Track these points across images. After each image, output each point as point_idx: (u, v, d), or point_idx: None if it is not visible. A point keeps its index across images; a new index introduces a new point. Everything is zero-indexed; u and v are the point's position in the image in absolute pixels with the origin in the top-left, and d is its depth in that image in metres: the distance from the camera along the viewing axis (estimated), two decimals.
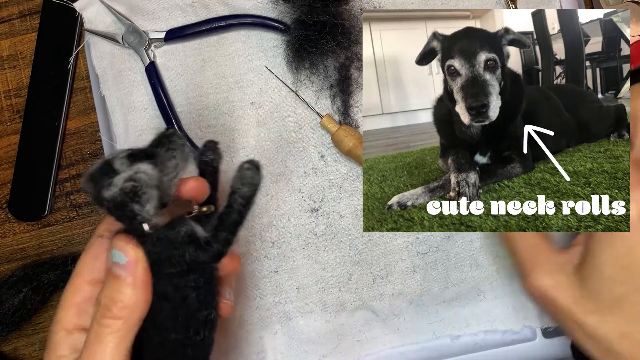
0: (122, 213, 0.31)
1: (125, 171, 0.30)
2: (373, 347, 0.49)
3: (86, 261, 0.35)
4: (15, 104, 0.54)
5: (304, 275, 0.50)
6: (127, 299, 0.31)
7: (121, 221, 0.32)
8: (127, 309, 0.31)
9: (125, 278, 0.31)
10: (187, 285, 0.33)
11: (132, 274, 0.31)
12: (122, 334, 0.31)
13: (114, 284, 0.32)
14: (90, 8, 0.52)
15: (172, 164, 0.32)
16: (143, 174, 0.30)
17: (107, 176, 0.30)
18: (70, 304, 0.35)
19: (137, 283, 0.31)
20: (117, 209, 0.30)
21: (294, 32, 0.49)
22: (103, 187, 0.30)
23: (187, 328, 0.33)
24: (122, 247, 0.31)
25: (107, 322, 0.31)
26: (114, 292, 0.32)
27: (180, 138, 0.33)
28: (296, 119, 0.51)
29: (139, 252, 0.32)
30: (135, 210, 0.30)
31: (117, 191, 0.30)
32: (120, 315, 0.31)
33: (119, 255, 0.31)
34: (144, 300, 0.32)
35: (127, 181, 0.30)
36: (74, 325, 0.34)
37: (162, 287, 0.32)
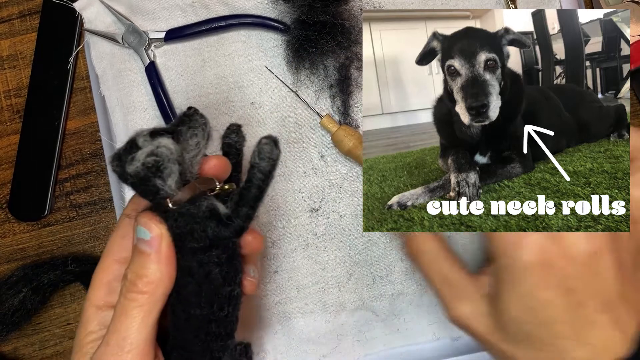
0: (145, 188, 0.31)
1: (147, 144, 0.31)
2: (373, 348, 0.49)
3: (114, 241, 0.36)
4: (15, 104, 0.54)
5: (304, 275, 0.50)
6: (151, 274, 0.32)
7: (145, 196, 0.32)
8: (152, 283, 0.32)
9: (150, 253, 0.32)
10: (210, 261, 0.33)
11: (157, 249, 0.32)
12: (147, 308, 0.32)
13: (139, 259, 0.33)
14: (90, 8, 0.52)
15: (193, 142, 0.33)
16: (164, 148, 0.31)
17: (130, 153, 0.31)
18: (100, 282, 0.36)
19: (161, 258, 0.32)
20: (141, 183, 0.31)
21: (294, 32, 0.49)
22: (127, 162, 0.31)
23: (211, 304, 0.34)
24: (146, 223, 0.32)
25: (133, 297, 0.32)
26: (139, 268, 0.32)
27: (202, 117, 0.34)
28: (296, 119, 0.51)
29: (163, 228, 0.32)
30: (158, 184, 0.31)
31: (139, 165, 0.30)
32: (146, 290, 0.32)
33: (144, 232, 0.32)
34: (169, 276, 0.33)
35: (149, 156, 0.30)
36: (104, 302, 0.35)
37: (186, 262, 0.33)
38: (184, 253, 0.33)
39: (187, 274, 0.33)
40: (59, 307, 0.52)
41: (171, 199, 0.32)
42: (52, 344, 0.52)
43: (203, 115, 0.34)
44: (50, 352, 0.52)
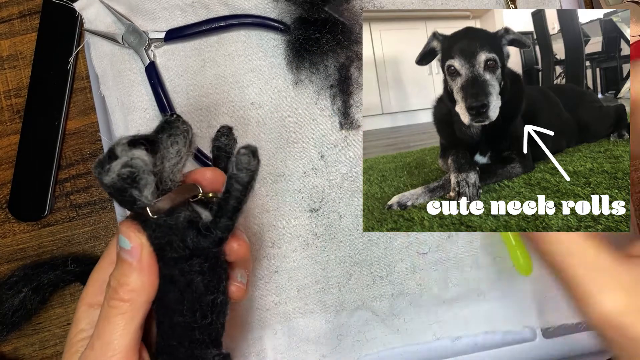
0: (122, 198, 0.31)
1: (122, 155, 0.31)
2: (373, 348, 0.49)
3: (112, 243, 0.37)
4: (15, 104, 0.54)
5: (304, 275, 0.50)
6: (132, 282, 0.32)
7: (123, 205, 0.32)
8: (134, 292, 0.32)
9: (131, 262, 0.32)
10: (191, 270, 0.33)
11: (137, 258, 0.32)
12: (129, 315, 0.33)
13: (121, 267, 0.33)
14: (90, 8, 0.52)
15: (174, 150, 0.33)
16: (138, 160, 0.30)
17: (108, 162, 0.31)
18: (94, 281, 0.36)
19: (142, 267, 0.32)
20: (117, 194, 0.31)
21: (294, 31, 0.49)
22: (103, 172, 0.31)
23: (193, 311, 0.34)
24: (126, 232, 0.32)
25: (115, 304, 0.33)
26: (120, 275, 0.33)
27: (184, 124, 0.33)
28: (296, 119, 0.51)
29: (142, 238, 0.32)
30: (135, 195, 0.31)
31: (114, 176, 0.30)
32: (127, 298, 0.32)
33: (124, 241, 0.32)
34: (150, 284, 0.33)
35: (124, 167, 0.30)
36: (96, 301, 0.35)
37: (168, 270, 0.33)
38: (166, 261, 0.33)
39: (170, 282, 0.33)
40: (59, 307, 0.52)
41: (150, 209, 0.32)
42: (52, 344, 0.52)
43: (185, 122, 0.34)
44: (50, 352, 0.52)
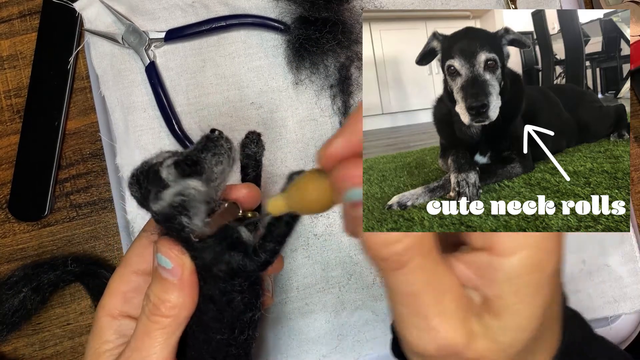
0: (170, 225, 0.30)
1: (174, 184, 0.29)
2: (373, 347, 0.49)
3: (134, 252, 0.36)
4: (15, 104, 0.54)
5: (304, 275, 0.50)
6: (174, 300, 0.32)
7: (169, 232, 0.32)
8: (175, 308, 0.33)
9: (172, 281, 0.32)
10: (233, 290, 0.33)
11: (179, 277, 0.32)
12: (170, 330, 0.33)
13: (161, 284, 0.33)
14: (90, 8, 0.52)
15: (218, 170, 0.31)
16: (193, 190, 0.29)
17: (154, 185, 0.29)
18: (116, 291, 0.36)
19: (184, 286, 0.32)
20: (165, 220, 0.30)
21: (294, 31, 0.49)
22: (150, 197, 0.30)
23: (232, 329, 0.34)
24: (167, 253, 0.32)
25: (156, 319, 0.33)
26: (161, 292, 0.33)
27: (227, 142, 0.32)
28: (296, 119, 0.51)
29: (185, 259, 0.32)
30: (184, 222, 0.30)
31: (165, 205, 0.29)
32: (169, 314, 0.33)
33: (165, 261, 0.32)
34: (191, 301, 0.33)
35: (177, 196, 0.29)
36: (120, 312, 0.35)
37: (208, 290, 0.33)
38: (207, 280, 0.33)
39: (209, 300, 0.33)
40: (59, 307, 0.52)
41: (194, 234, 0.31)
42: (52, 344, 0.52)
43: (228, 139, 0.32)
44: (50, 352, 0.52)
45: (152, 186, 0.29)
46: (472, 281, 0.27)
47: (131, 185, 0.31)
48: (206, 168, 0.30)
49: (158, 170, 0.29)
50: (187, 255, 0.32)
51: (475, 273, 0.27)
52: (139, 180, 0.30)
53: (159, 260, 0.32)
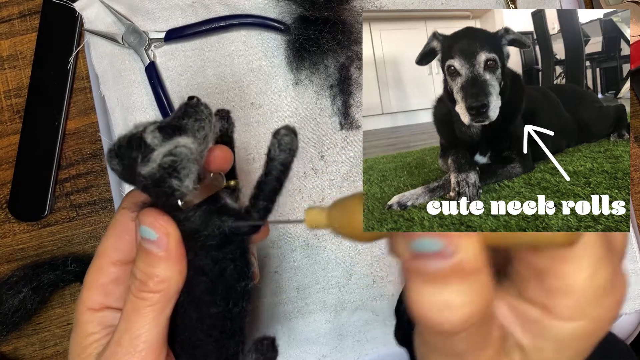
0: (159, 190, 0.29)
1: (161, 145, 0.29)
2: (373, 347, 0.49)
3: (110, 242, 0.35)
4: (15, 104, 0.54)
5: (304, 275, 0.50)
6: (162, 273, 0.31)
7: (157, 198, 0.31)
8: (164, 282, 0.31)
9: (158, 253, 0.31)
10: (225, 258, 0.32)
11: (165, 248, 0.31)
12: (159, 306, 0.31)
13: (146, 258, 0.31)
14: (90, 8, 0.52)
15: (201, 135, 0.30)
16: (184, 148, 0.28)
17: (139, 151, 0.28)
18: (94, 284, 0.34)
19: (171, 257, 0.31)
20: (155, 185, 0.29)
21: (294, 31, 0.49)
22: (137, 162, 0.29)
23: (226, 300, 0.33)
24: (152, 224, 0.30)
25: (144, 296, 0.31)
26: (147, 267, 0.31)
27: (207, 107, 0.31)
28: (296, 119, 0.51)
29: (171, 227, 0.31)
30: (174, 185, 0.29)
31: (155, 167, 0.28)
32: (158, 289, 0.31)
33: (149, 232, 0.31)
34: (179, 273, 0.32)
35: (167, 156, 0.28)
36: (100, 305, 0.34)
37: (199, 261, 0.32)
38: (196, 251, 0.32)
39: (200, 272, 0.32)
40: (59, 307, 0.52)
41: (183, 200, 0.30)
42: (52, 344, 0.52)
43: (207, 105, 0.31)
44: (50, 352, 0.52)
45: (137, 152, 0.28)
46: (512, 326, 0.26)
47: (111, 159, 0.29)
48: (189, 133, 0.30)
49: (142, 137, 0.29)
50: (172, 224, 0.31)
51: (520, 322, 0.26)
52: (120, 151, 0.29)
53: (143, 233, 0.31)
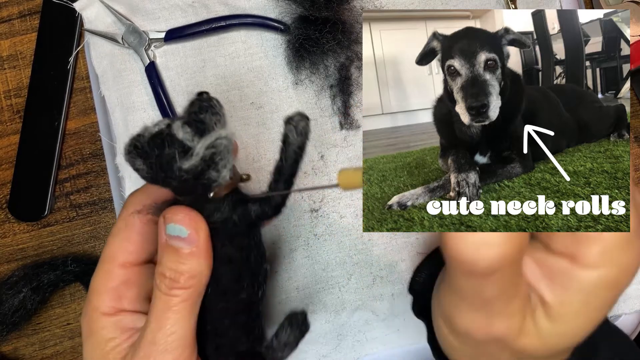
0: (198, 183, 0.30)
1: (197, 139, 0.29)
2: (373, 348, 0.49)
3: (117, 245, 0.35)
4: (15, 104, 0.54)
5: (304, 275, 0.50)
6: (194, 269, 0.32)
7: (192, 191, 0.31)
8: (194, 277, 0.32)
9: (187, 249, 0.31)
10: (249, 244, 0.33)
11: (196, 244, 0.31)
12: (191, 302, 0.32)
13: (174, 256, 0.32)
14: (90, 8, 0.52)
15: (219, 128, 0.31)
16: (224, 140, 0.29)
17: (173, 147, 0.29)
18: (104, 289, 0.34)
19: (201, 252, 0.32)
20: (195, 178, 0.30)
21: (294, 31, 0.49)
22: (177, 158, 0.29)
23: (253, 285, 0.34)
24: (182, 220, 0.31)
25: (176, 293, 0.32)
26: (177, 264, 0.32)
27: (218, 101, 0.32)
28: None
29: (201, 222, 0.31)
30: (213, 177, 0.30)
31: (198, 160, 0.29)
32: (189, 285, 0.32)
33: (179, 229, 0.31)
34: (208, 266, 0.32)
35: (209, 148, 0.29)
36: (115, 309, 0.34)
37: (225, 251, 0.33)
38: (223, 242, 0.33)
39: (227, 262, 0.33)
40: (59, 307, 0.52)
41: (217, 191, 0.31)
42: (52, 344, 0.52)
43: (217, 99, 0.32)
44: (50, 352, 0.52)
45: (172, 149, 0.29)
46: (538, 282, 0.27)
47: (134, 159, 0.30)
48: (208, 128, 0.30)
49: (172, 134, 0.29)
50: (202, 219, 0.32)
51: (547, 275, 0.27)
52: (143, 150, 0.29)
53: (172, 231, 0.31)
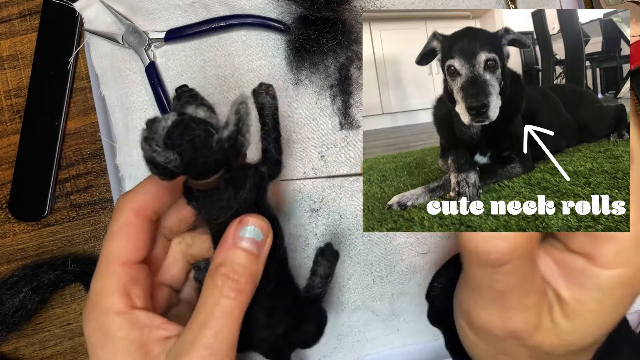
0: (233, 148, 0.32)
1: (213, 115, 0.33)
2: (373, 348, 0.49)
3: (118, 243, 0.35)
4: (15, 104, 0.54)
5: (304, 275, 0.50)
6: (257, 272, 0.34)
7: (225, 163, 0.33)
8: (255, 281, 0.34)
9: (257, 252, 0.34)
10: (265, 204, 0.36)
11: (265, 248, 0.35)
12: (245, 303, 0.34)
13: (243, 258, 0.34)
14: (90, 8, 0.52)
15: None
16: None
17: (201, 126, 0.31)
18: (112, 289, 0.34)
19: (263, 257, 0.35)
20: (231, 145, 0.32)
21: (294, 31, 0.49)
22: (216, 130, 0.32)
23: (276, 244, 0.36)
24: (262, 226, 0.34)
25: (234, 295, 0.33)
26: (242, 267, 0.33)
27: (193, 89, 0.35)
28: (296, 119, 0.51)
29: (270, 231, 0.35)
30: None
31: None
32: (249, 288, 0.34)
33: (257, 232, 0.34)
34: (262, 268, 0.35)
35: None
36: (128, 307, 0.34)
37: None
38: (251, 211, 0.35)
39: None
40: (59, 307, 0.52)
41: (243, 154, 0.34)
42: (52, 344, 0.52)
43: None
44: (50, 352, 0.52)
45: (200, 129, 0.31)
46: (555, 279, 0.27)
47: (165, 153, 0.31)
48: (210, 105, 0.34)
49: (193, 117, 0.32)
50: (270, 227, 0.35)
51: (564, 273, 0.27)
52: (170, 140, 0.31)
53: (249, 233, 0.34)
